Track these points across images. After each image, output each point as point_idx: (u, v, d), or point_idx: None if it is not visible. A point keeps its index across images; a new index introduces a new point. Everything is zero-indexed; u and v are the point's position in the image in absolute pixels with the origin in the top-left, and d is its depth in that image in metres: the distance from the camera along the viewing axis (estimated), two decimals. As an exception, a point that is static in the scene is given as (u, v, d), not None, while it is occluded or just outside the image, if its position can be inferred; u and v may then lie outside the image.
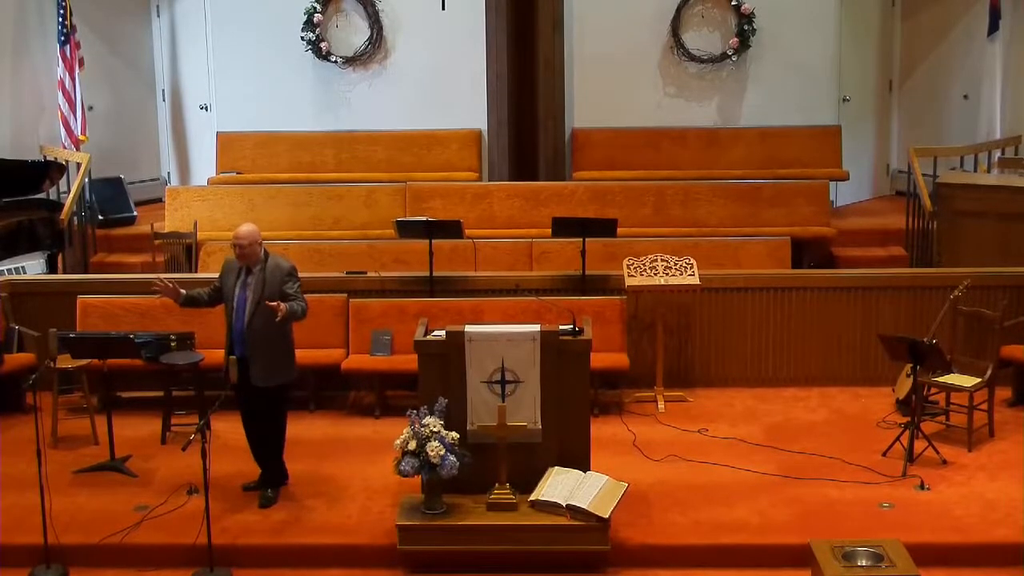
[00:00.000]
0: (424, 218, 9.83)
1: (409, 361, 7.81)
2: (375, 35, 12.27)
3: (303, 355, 8.75)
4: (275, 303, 6.96)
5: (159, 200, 12.43)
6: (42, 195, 10.95)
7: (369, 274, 9.37)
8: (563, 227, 9.37)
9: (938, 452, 7.65)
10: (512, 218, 11.14)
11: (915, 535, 6.54)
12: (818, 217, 11.11)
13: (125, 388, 8.77)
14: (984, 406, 8.09)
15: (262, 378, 7.17)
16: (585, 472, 6.81)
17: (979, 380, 8.02)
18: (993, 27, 11.82)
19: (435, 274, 9.17)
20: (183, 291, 7.31)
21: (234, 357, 7.13)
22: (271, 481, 7.35)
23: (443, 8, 10.03)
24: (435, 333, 7.09)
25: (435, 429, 6.61)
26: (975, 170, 11.25)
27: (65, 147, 11.87)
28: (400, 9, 12.23)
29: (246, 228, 7.19)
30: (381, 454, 7.53)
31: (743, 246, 10.12)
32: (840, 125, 12.15)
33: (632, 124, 12.15)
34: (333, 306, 8.97)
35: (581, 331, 7.09)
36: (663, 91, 12.29)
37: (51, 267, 10.92)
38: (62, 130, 11.93)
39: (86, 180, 11.35)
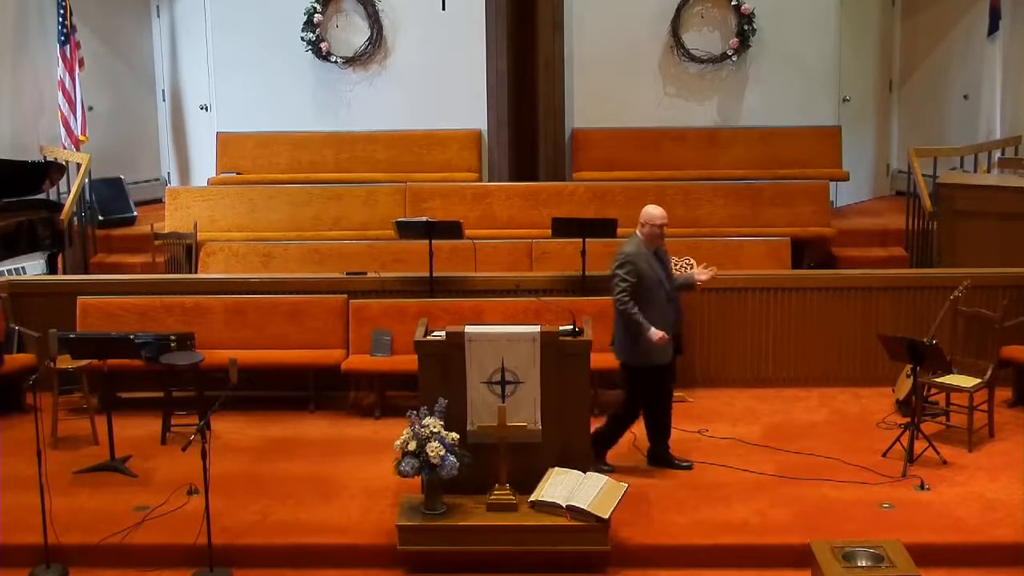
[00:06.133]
0: (424, 218, 9.81)
1: (409, 361, 7.79)
2: (375, 35, 12.26)
3: (303, 355, 8.83)
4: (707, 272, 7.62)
5: (159, 200, 12.43)
6: (42, 195, 10.95)
7: (369, 274, 9.36)
8: (563, 227, 9.36)
9: (938, 452, 7.65)
10: (512, 218, 11.14)
11: (915, 535, 6.54)
12: (818, 217, 11.10)
13: (125, 388, 8.76)
14: (984, 406, 8.09)
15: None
16: (585, 472, 6.81)
17: (979, 380, 8.02)
18: (993, 27, 11.81)
19: (435, 274, 9.16)
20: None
21: (234, 358, 7.11)
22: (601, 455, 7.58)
23: (443, 8, 10.02)
24: (435, 333, 7.09)
25: (435, 430, 6.61)
26: (975, 170, 11.25)
27: (65, 147, 11.87)
28: (400, 9, 12.22)
29: (661, 208, 7.39)
30: (381, 454, 7.53)
31: (743, 246, 10.12)
32: (840, 125, 12.13)
33: (632, 124, 12.14)
34: (333, 306, 8.97)
35: (581, 331, 7.09)
36: (663, 91, 12.28)
37: (51, 267, 10.92)
38: (62, 130, 11.92)
39: (86, 180, 11.35)
